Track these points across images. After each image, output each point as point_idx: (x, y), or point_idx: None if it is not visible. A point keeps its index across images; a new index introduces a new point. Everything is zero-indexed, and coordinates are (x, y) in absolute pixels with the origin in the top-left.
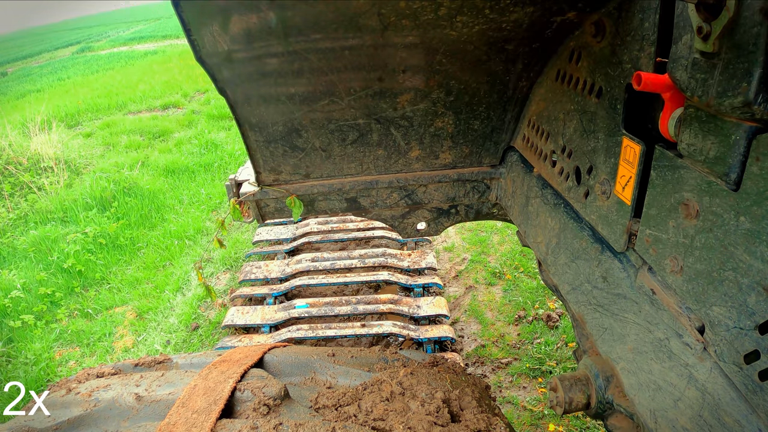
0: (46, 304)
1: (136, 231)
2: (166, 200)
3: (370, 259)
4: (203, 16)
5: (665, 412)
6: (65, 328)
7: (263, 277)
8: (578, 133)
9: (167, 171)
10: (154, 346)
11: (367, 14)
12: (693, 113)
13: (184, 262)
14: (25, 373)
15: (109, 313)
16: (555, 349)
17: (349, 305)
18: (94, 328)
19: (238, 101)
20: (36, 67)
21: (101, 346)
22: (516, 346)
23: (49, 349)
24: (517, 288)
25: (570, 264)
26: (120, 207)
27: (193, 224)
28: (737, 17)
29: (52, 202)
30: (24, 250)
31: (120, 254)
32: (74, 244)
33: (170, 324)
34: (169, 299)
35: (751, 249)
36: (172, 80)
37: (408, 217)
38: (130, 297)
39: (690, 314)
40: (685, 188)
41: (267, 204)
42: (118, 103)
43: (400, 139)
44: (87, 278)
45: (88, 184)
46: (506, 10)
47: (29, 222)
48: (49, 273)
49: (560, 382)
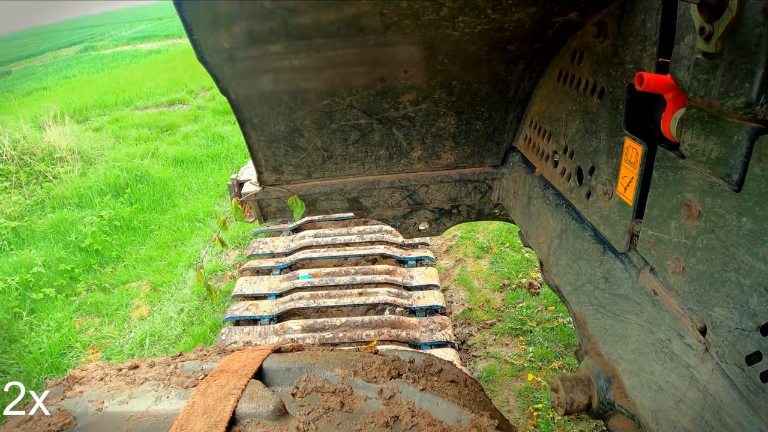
0: (65, 279)
1: (148, 215)
2: (176, 187)
3: (367, 235)
4: (205, 16)
5: (667, 413)
6: (84, 300)
7: (269, 252)
8: (580, 134)
9: (176, 161)
10: (168, 314)
11: (369, 14)
12: (695, 114)
13: (195, 242)
14: (47, 338)
15: (125, 287)
16: (536, 312)
17: (348, 275)
18: (111, 300)
19: (239, 101)
20: (40, 66)
21: (118, 315)
22: (500, 310)
23: (69, 319)
24: (503, 260)
25: (572, 264)
26: (133, 193)
27: (202, 208)
28: (739, 18)
29: (68, 189)
30: (42, 232)
31: (134, 236)
32: (91, 226)
33: (183, 294)
34: (181, 273)
35: (753, 250)
36: (177, 78)
37: (410, 218)
38: (145, 273)
39: (692, 315)
40: (687, 189)
41: (269, 204)
42: (125, 100)
43: (402, 139)
44: (104, 256)
45: (102, 172)
46: (508, 10)
47: (46, 207)
48: (68, 251)
49: (562, 382)
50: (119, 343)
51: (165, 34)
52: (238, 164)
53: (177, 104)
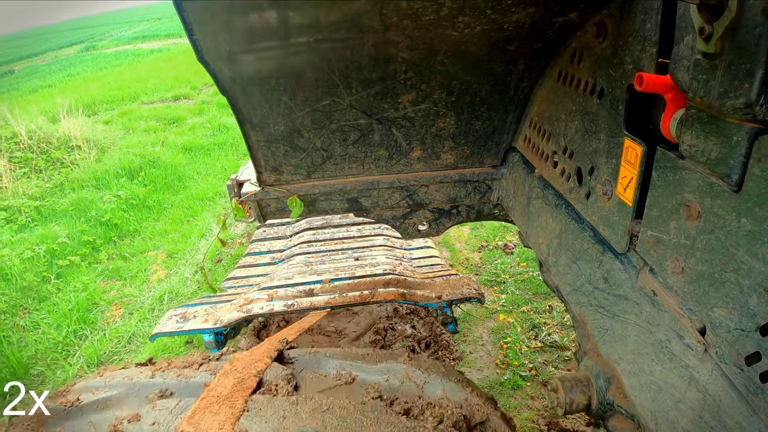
0: (88, 249)
1: (161, 195)
2: (186, 172)
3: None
4: (204, 16)
5: (666, 413)
6: (106, 267)
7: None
8: (580, 134)
9: (185, 149)
10: (184, 275)
11: (368, 14)
12: (695, 114)
13: (206, 217)
14: (75, 297)
15: (143, 255)
16: (509, 267)
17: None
18: (131, 266)
19: (239, 101)
20: (43, 65)
21: (138, 278)
22: (478, 266)
23: (93, 281)
24: (483, 227)
25: (571, 265)
26: (146, 176)
27: (211, 189)
28: (739, 18)
29: (85, 173)
30: (64, 210)
31: (149, 213)
32: (109, 204)
33: (197, 260)
34: (194, 243)
35: (753, 250)
36: (180, 75)
37: (409, 218)
38: (161, 243)
39: (691, 315)
40: (687, 189)
41: (268, 204)
42: (131, 95)
43: (402, 140)
44: (122, 230)
45: (117, 158)
46: (508, 10)
47: (65, 189)
48: (90, 225)
49: (561, 383)
50: (140, 300)
51: (165, 33)
52: (243, 152)
53: (182, 99)
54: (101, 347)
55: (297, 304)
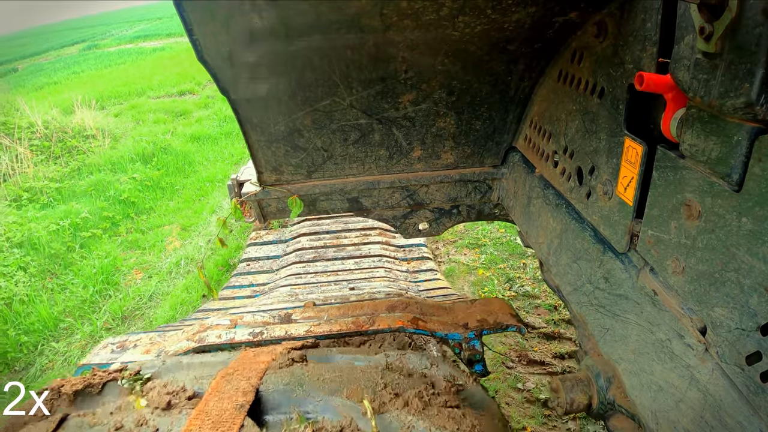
0: (108, 223)
1: (173, 178)
2: (196, 158)
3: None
4: (204, 16)
5: (667, 413)
6: (125, 238)
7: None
8: (580, 134)
9: (193, 138)
10: (198, 243)
11: (368, 14)
12: (695, 114)
13: (216, 196)
14: (99, 263)
15: (159, 229)
16: (490, 233)
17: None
18: (148, 238)
19: (239, 101)
20: (47, 63)
21: (155, 248)
22: (462, 232)
23: (114, 250)
24: None
25: (572, 264)
26: (159, 161)
27: (220, 172)
28: (739, 17)
29: (102, 158)
30: (83, 191)
31: (163, 193)
32: (126, 184)
33: (209, 231)
34: (206, 218)
35: (754, 250)
36: (184, 72)
37: (410, 218)
38: (175, 219)
39: (692, 315)
40: (687, 189)
41: (269, 204)
42: (137, 91)
43: (402, 139)
44: (139, 207)
45: (131, 144)
46: (508, 10)
47: (83, 173)
48: (109, 203)
49: (562, 383)
50: (158, 265)
51: (167, 32)
52: None
53: (187, 94)
54: (125, 303)
55: (267, 333)
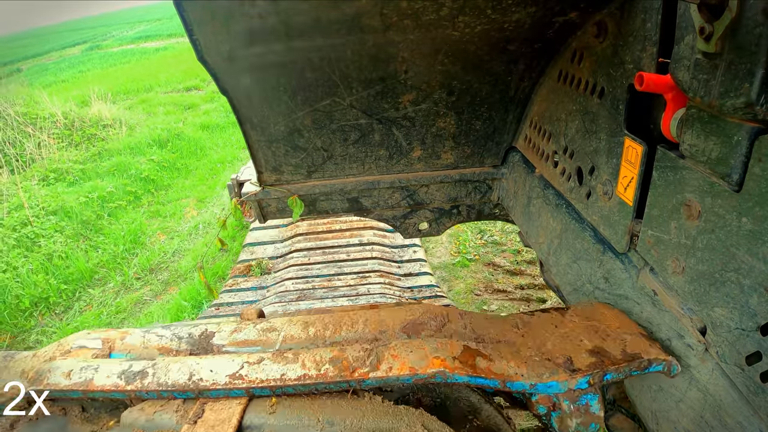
0: (131, 197)
1: (187, 160)
2: (206, 144)
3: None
4: (204, 16)
5: (667, 413)
6: (148, 209)
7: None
8: (580, 134)
9: (203, 127)
10: (213, 211)
11: (369, 14)
12: (695, 114)
13: (227, 174)
14: (126, 226)
15: (178, 202)
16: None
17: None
18: (168, 209)
19: (239, 100)
20: (50, 63)
21: (175, 216)
22: None
23: (139, 218)
24: None
25: (572, 264)
26: (173, 146)
27: (230, 154)
28: (739, 18)
29: (121, 143)
30: (106, 171)
31: (178, 173)
32: (146, 165)
33: (223, 202)
34: (219, 192)
35: (753, 250)
36: (189, 69)
37: (410, 218)
38: (191, 193)
39: (692, 315)
40: (687, 189)
41: (269, 204)
42: (145, 87)
43: (402, 140)
44: (158, 184)
45: (147, 131)
46: (508, 10)
47: (104, 156)
48: (131, 180)
49: None
50: (179, 229)
51: (168, 33)
52: None
53: (193, 90)
54: (152, 258)
55: (154, 375)
